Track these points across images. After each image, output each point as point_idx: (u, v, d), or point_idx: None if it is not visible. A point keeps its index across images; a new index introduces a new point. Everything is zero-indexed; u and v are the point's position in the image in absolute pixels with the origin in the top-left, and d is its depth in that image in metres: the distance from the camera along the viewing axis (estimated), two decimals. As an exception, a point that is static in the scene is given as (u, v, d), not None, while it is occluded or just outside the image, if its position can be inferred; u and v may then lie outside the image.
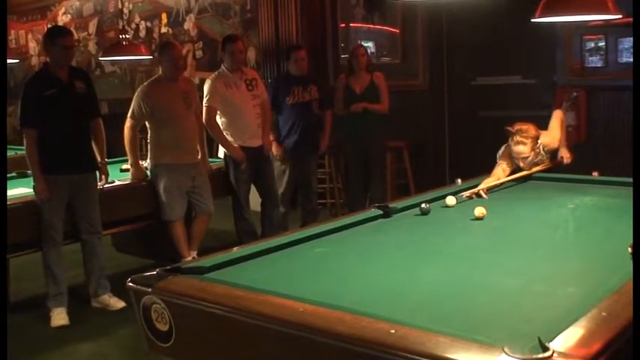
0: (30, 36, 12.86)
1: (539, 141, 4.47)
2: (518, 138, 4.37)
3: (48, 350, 4.46)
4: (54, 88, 4.78)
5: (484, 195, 4.09)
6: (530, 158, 4.45)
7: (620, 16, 4.02)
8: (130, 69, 10.94)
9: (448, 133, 7.78)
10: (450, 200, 3.86)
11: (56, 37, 4.87)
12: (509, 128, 4.43)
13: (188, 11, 9.94)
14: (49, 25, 11.16)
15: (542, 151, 4.55)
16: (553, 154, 4.73)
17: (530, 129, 4.41)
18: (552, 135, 4.67)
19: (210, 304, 2.31)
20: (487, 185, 4.21)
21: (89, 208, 5.01)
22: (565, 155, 4.78)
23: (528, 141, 4.37)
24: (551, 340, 1.83)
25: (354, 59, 6.54)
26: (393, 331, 1.93)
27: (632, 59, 6.36)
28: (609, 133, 6.58)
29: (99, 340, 4.57)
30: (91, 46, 11.68)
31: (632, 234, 2.67)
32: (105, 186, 5.24)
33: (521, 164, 4.48)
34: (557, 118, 4.83)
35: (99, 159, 5.15)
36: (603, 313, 2.03)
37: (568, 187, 4.33)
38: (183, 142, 5.55)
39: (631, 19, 4.96)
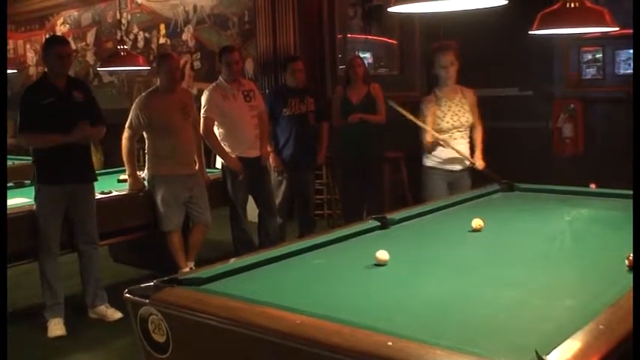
0: (28, 46, 12.89)
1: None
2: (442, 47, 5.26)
3: (44, 361, 4.45)
4: (52, 97, 4.79)
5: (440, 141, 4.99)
6: (453, 69, 5.21)
7: (617, 29, 4.05)
8: (127, 79, 10.96)
9: (446, 145, 7.78)
10: (382, 255, 2.99)
11: (52, 45, 4.89)
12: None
13: (186, 22, 9.97)
14: (48, 35, 11.18)
15: (461, 93, 5.32)
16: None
17: (452, 43, 5.32)
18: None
19: (207, 315, 2.31)
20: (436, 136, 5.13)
21: (86, 218, 5.01)
22: (479, 162, 5.26)
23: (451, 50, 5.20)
24: (548, 353, 1.83)
25: (351, 70, 6.53)
26: (390, 343, 1.93)
27: (629, 71, 6.37)
28: (606, 145, 6.58)
29: (96, 351, 4.56)
30: (89, 57, 11.70)
31: (629, 246, 2.67)
32: (101, 195, 5.25)
33: (446, 75, 5.21)
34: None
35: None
36: (600, 326, 2.03)
37: (565, 199, 4.33)
38: (180, 152, 5.55)
39: (628, 31, 4.98)
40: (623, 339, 1.97)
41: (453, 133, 5.23)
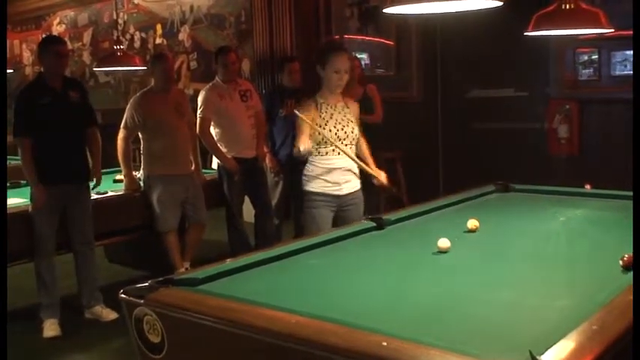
0: (24, 46, 12.88)
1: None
2: (340, 48, 4.63)
3: (40, 361, 4.45)
4: (48, 98, 4.79)
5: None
6: (347, 77, 4.42)
7: (613, 30, 4.06)
8: (124, 79, 10.96)
9: (441, 145, 7.80)
10: (443, 243, 3.17)
11: (49, 45, 4.88)
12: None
13: (183, 22, 9.96)
14: (44, 35, 11.17)
15: (344, 102, 4.58)
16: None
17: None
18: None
19: (202, 316, 2.31)
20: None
21: (82, 219, 5.01)
22: (383, 175, 4.62)
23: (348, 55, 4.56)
24: (542, 354, 1.84)
25: (348, 71, 6.51)
26: (385, 343, 1.93)
27: (625, 72, 6.39)
28: (602, 146, 6.60)
29: (91, 352, 4.56)
30: (86, 57, 11.69)
31: (623, 247, 2.68)
32: (97, 195, 5.24)
33: (338, 81, 4.40)
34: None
35: (92, 166, 5.13)
36: (594, 327, 2.03)
37: (560, 200, 4.34)
38: (176, 153, 5.55)
39: (623, 33, 4.99)
40: (616, 339, 1.97)
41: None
